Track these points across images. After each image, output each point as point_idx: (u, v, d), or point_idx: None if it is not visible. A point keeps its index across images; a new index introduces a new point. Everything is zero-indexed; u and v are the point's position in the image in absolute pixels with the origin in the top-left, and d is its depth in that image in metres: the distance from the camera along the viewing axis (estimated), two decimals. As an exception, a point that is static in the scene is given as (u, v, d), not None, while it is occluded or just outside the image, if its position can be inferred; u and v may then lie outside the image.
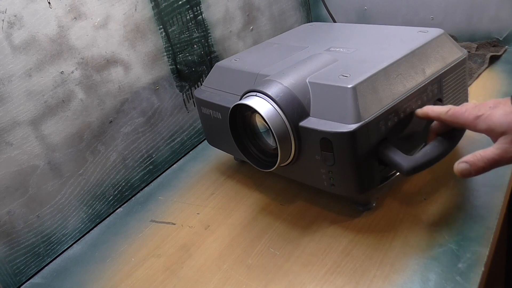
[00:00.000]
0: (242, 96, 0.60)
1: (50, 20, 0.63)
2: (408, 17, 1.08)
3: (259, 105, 0.56)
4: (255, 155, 0.62)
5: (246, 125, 0.62)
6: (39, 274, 0.65)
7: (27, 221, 0.63)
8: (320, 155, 0.55)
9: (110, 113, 0.73)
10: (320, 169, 0.56)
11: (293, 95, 0.56)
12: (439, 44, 0.63)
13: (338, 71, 0.57)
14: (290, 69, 0.60)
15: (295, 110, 0.55)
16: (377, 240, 0.55)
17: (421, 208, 0.59)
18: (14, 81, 0.60)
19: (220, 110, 0.67)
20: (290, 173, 0.62)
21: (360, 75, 0.54)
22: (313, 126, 0.54)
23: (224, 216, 0.67)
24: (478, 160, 0.43)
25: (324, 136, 0.53)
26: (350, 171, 0.54)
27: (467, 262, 0.49)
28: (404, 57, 0.59)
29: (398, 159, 0.52)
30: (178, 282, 0.57)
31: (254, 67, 0.66)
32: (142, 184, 0.80)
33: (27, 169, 0.63)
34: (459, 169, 0.44)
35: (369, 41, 0.68)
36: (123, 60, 0.74)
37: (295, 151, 0.57)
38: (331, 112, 0.54)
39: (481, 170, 0.43)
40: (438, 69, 0.61)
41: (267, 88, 0.57)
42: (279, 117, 0.55)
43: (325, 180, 0.57)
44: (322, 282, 0.52)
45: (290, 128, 0.55)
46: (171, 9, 0.81)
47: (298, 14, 1.16)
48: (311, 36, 0.78)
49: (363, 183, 0.55)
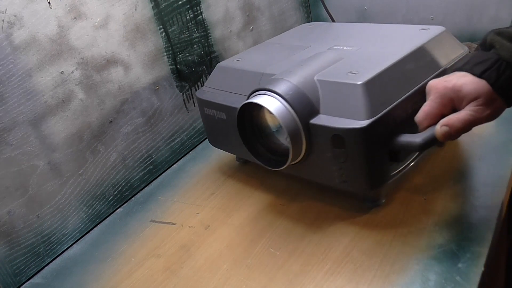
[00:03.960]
0: (249, 95, 0.60)
1: (50, 20, 0.63)
2: (408, 17, 1.08)
3: (269, 103, 0.55)
4: (263, 154, 0.62)
5: (254, 124, 0.61)
6: (39, 274, 0.65)
7: (27, 221, 0.63)
8: (332, 152, 0.55)
9: (110, 113, 0.73)
10: (332, 166, 0.56)
11: (303, 93, 0.56)
12: (442, 41, 0.64)
13: (345, 69, 0.58)
14: (297, 67, 0.60)
15: (305, 107, 0.55)
16: (377, 240, 0.55)
17: (421, 208, 0.59)
18: (14, 81, 0.60)
19: (225, 110, 0.67)
20: (299, 171, 0.62)
21: (368, 72, 0.55)
22: (325, 123, 0.54)
23: (224, 216, 0.67)
24: (454, 121, 0.48)
25: (336, 132, 0.53)
26: (362, 167, 0.54)
27: (467, 262, 0.49)
28: (410, 54, 0.59)
29: (409, 138, 0.53)
30: (178, 282, 0.57)
31: (258, 66, 0.66)
32: (142, 184, 0.80)
33: (27, 169, 0.63)
34: (441, 132, 0.48)
35: (372, 39, 0.69)
36: (123, 60, 0.74)
37: (306, 149, 0.57)
38: (341, 109, 0.54)
39: (460, 131, 0.48)
40: (443, 65, 0.62)
41: (276, 86, 0.57)
42: (290, 115, 0.55)
43: (337, 177, 0.57)
44: (322, 282, 0.52)
45: (301, 126, 0.55)
46: (171, 9, 0.81)
47: (298, 14, 1.16)
48: (312, 36, 0.78)
49: (374, 179, 0.55)
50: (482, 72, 0.48)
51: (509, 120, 0.69)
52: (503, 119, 0.51)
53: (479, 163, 0.65)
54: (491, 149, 0.67)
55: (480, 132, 0.67)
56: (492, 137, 0.69)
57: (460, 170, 0.65)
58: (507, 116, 0.53)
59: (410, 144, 0.53)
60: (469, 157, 0.67)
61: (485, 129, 0.65)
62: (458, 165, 0.66)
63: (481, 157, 0.66)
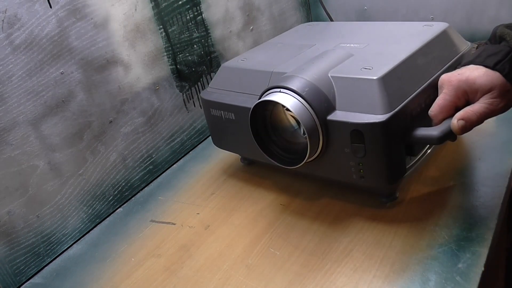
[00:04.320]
0: (262, 94, 0.60)
1: (50, 20, 0.63)
2: (408, 16, 1.08)
3: (286, 101, 0.55)
4: (277, 153, 0.61)
5: (267, 123, 0.61)
6: (39, 274, 0.65)
7: (27, 221, 0.63)
8: (350, 147, 0.55)
9: (110, 113, 0.73)
10: (349, 162, 0.56)
11: (319, 89, 0.56)
12: (448, 36, 0.65)
13: (358, 65, 0.58)
14: (309, 65, 0.60)
15: (322, 104, 0.55)
16: (377, 240, 0.55)
17: (421, 208, 0.59)
18: (14, 81, 0.60)
19: (234, 110, 0.66)
20: (314, 169, 0.61)
21: (383, 67, 0.55)
22: (343, 119, 0.54)
23: (224, 216, 0.67)
24: (471, 115, 0.49)
25: (356, 128, 0.53)
26: (381, 162, 0.54)
27: (467, 262, 0.49)
28: (420, 48, 0.60)
29: (427, 131, 0.53)
30: (178, 282, 0.57)
31: (266, 65, 0.66)
32: (142, 184, 0.80)
33: (27, 169, 0.63)
34: (458, 126, 0.49)
35: (378, 37, 0.69)
36: (123, 60, 0.74)
37: (322, 146, 0.57)
38: (358, 104, 0.54)
39: (475, 124, 0.49)
40: (452, 59, 0.62)
41: (291, 84, 0.57)
42: (307, 112, 0.55)
43: (354, 173, 0.57)
44: (322, 282, 0.52)
45: (319, 123, 0.55)
46: (171, 9, 0.81)
47: (298, 14, 1.16)
48: (315, 34, 0.78)
49: (393, 173, 0.56)
50: (495, 64, 0.49)
51: (509, 120, 0.69)
52: (503, 119, 0.52)
53: (479, 163, 0.65)
54: (491, 149, 0.67)
55: (480, 132, 0.67)
56: (492, 137, 0.69)
57: (460, 170, 0.65)
58: (507, 116, 0.53)
59: (428, 137, 0.53)
60: (469, 157, 0.67)
61: (485, 129, 0.65)
62: (458, 165, 0.66)
63: (481, 157, 0.66)
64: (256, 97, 0.61)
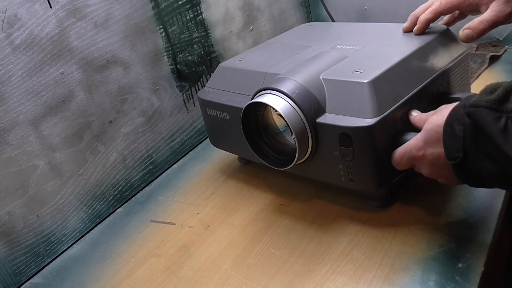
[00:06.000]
0: (254, 95, 0.60)
1: (50, 20, 0.63)
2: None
3: (275, 103, 0.55)
4: (268, 154, 0.62)
5: (259, 124, 0.61)
6: (39, 274, 0.65)
7: (27, 221, 0.63)
8: (339, 150, 0.55)
9: (110, 113, 0.73)
10: (338, 165, 0.56)
11: (309, 92, 0.56)
12: (444, 39, 0.64)
13: (350, 67, 0.58)
14: (302, 67, 0.60)
15: (312, 106, 0.55)
16: (377, 240, 0.55)
17: (421, 208, 0.59)
18: (14, 81, 0.60)
19: (228, 110, 0.67)
20: (304, 171, 0.61)
21: (374, 70, 0.55)
22: (332, 122, 0.54)
23: (224, 216, 0.67)
24: (478, 23, 0.52)
25: (344, 131, 0.53)
26: (370, 165, 0.54)
27: (467, 262, 0.49)
28: (414, 52, 0.59)
29: None
30: (178, 282, 0.57)
31: (261, 66, 0.66)
32: (142, 184, 0.80)
33: (27, 169, 0.63)
34: (464, 34, 0.52)
35: (374, 38, 0.69)
36: (123, 60, 0.74)
37: (312, 148, 0.57)
38: (348, 108, 0.54)
39: (482, 32, 0.52)
40: (446, 63, 0.62)
41: (282, 86, 0.57)
42: (296, 114, 0.55)
43: (343, 176, 0.57)
44: (322, 282, 0.52)
45: (308, 125, 0.55)
46: (171, 9, 0.81)
47: (298, 14, 1.16)
48: (313, 35, 0.78)
49: (381, 177, 0.55)
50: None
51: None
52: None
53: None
54: (491, 149, 0.66)
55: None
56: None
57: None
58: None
59: None
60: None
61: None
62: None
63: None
64: (250, 98, 0.61)
